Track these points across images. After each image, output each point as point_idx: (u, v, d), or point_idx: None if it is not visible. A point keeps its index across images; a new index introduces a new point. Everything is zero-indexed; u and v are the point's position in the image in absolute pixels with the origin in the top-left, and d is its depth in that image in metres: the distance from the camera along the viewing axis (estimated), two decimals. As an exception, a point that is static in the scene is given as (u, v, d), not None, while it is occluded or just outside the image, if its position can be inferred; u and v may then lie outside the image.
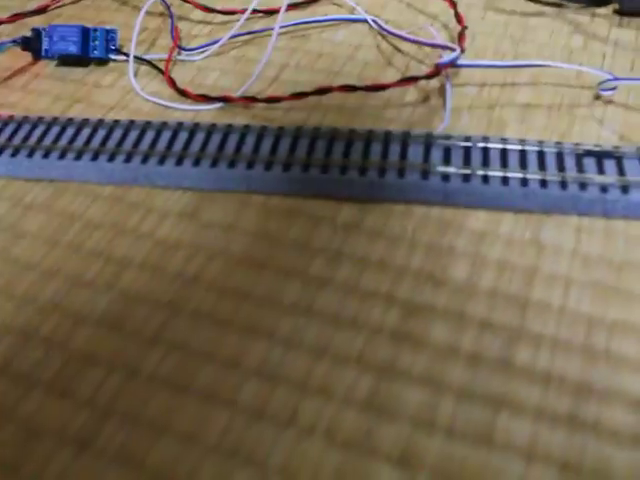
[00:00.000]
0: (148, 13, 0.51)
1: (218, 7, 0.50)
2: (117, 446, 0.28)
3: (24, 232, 0.37)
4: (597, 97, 0.41)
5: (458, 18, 0.45)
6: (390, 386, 0.29)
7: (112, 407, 0.29)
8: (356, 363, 0.30)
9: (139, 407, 0.29)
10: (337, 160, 0.37)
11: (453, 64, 0.39)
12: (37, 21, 0.53)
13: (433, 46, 0.42)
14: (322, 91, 0.40)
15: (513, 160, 0.36)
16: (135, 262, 0.34)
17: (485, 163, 0.36)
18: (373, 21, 0.47)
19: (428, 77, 0.39)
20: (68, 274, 0.34)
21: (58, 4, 0.54)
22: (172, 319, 0.32)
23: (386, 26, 0.46)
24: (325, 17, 0.48)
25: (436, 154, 0.37)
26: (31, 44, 0.47)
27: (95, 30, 0.46)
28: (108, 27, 0.47)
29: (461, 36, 0.42)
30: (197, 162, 0.37)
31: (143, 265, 0.34)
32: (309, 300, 0.32)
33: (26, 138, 0.40)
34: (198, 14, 0.50)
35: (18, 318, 0.33)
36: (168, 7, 0.50)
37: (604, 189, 0.35)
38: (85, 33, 0.46)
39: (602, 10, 0.48)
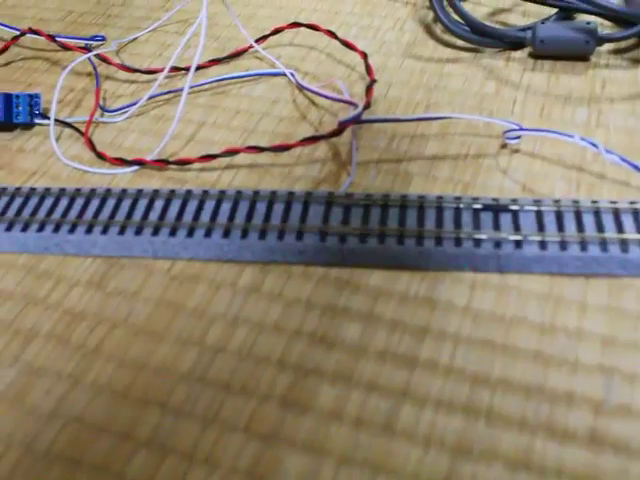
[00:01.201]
0: (76, 73, 0.52)
1: (137, 66, 0.51)
2: (6, 525, 0.28)
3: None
4: (503, 146, 0.42)
5: (368, 70, 0.46)
6: (275, 452, 0.30)
7: (5, 485, 0.30)
8: (244, 431, 0.30)
9: (30, 484, 0.30)
10: (239, 224, 0.38)
11: (356, 121, 0.40)
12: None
13: (340, 101, 0.43)
14: (231, 152, 0.41)
15: (411, 218, 0.37)
16: (42, 333, 0.35)
17: (383, 222, 0.37)
18: (291, 74, 0.48)
19: (330, 136, 0.40)
20: (-24, 348, 0.35)
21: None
22: (71, 391, 0.33)
23: (301, 80, 0.47)
24: (245, 72, 0.49)
25: (335, 214, 0.38)
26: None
27: (17, 96, 0.47)
28: (32, 92, 0.48)
29: (369, 90, 0.43)
30: (105, 230, 0.38)
31: (49, 336, 0.35)
32: (204, 368, 0.33)
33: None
34: (123, 73, 0.51)
35: None
36: (94, 67, 0.51)
37: (498, 244, 0.35)
38: (8, 100, 0.47)
39: (517, 53, 0.50)
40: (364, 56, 0.47)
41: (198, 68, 0.51)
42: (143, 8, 0.60)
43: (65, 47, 0.53)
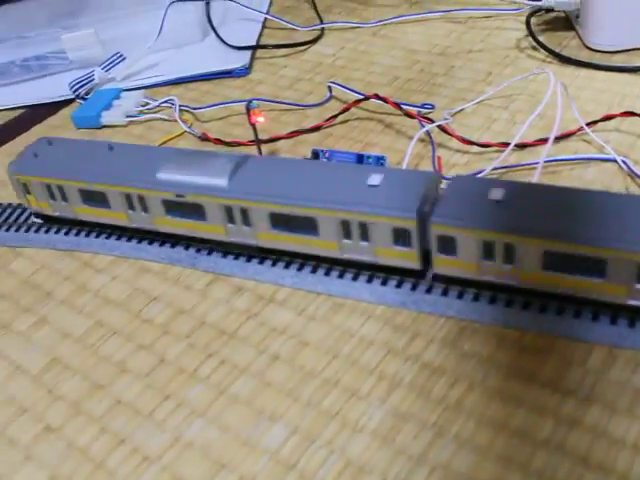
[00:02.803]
0: (408, 137, 0.57)
1: (475, 139, 0.55)
2: None
3: (307, 341, 0.43)
4: None
5: None
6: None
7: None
8: (605, 507, 0.33)
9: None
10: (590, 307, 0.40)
11: None
12: (312, 138, 0.61)
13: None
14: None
15: None
16: (404, 382, 0.40)
17: None
18: (622, 161, 0.51)
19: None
20: (346, 386, 0.40)
21: (330, 124, 0.61)
22: (436, 440, 0.37)
23: (635, 168, 0.50)
24: (576, 156, 0.52)
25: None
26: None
27: (369, 157, 0.53)
28: (379, 155, 0.53)
29: None
30: (461, 295, 0.43)
31: (411, 385, 0.40)
32: (561, 438, 0.36)
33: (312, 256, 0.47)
34: (456, 143, 0.56)
35: (303, 422, 0.39)
36: (430, 136, 0.56)
37: None
38: (359, 159, 0.53)
39: None
40: None
41: (525, 146, 0.54)
42: (466, 80, 0.64)
43: (408, 115, 0.58)
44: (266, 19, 0.83)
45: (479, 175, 0.51)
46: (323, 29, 0.79)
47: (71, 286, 0.52)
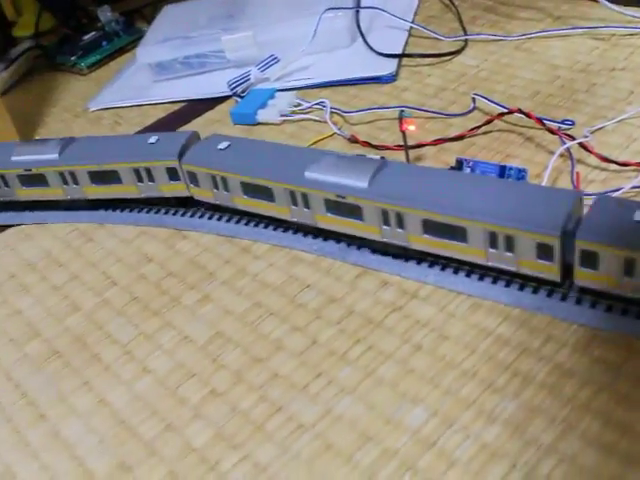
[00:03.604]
0: (548, 152, 0.61)
1: (614, 157, 0.58)
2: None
3: (447, 335, 0.48)
4: None
5: None
6: None
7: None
8: None
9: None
10: None
11: None
12: (455, 147, 0.65)
13: None
14: None
15: None
16: (537, 379, 0.44)
17: None
18: None
19: None
20: (482, 378, 0.44)
21: (473, 134, 0.65)
22: (564, 436, 0.40)
23: None
24: None
25: None
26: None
27: (510, 169, 0.57)
28: (520, 167, 0.57)
29: None
30: (593, 305, 0.46)
31: (543, 383, 0.43)
32: (683, 445, 0.39)
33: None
34: (593, 160, 0.58)
35: (442, 407, 0.43)
36: (570, 152, 0.59)
37: None
38: (501, 170, 0.57)
39: None
40: None
41: (664, 166, 0.56)
42: (607, 97, 0.67)
43: (549, 130, 0.61)
44: (411, 28, 0.87)
45: (617, 193, 0.54)
46: (467, 40, 0.82)
47: (232, 269, 0.58)
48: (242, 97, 0.81)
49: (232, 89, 0.82)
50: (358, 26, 0.87)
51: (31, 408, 0.51)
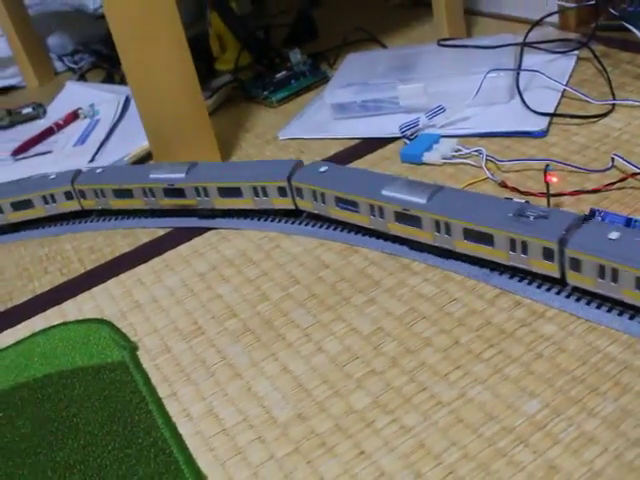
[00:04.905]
0: (674, 210, 0.71)
1: None
2: None
3: (565, 349, 0.59)
4: None
5: None
6: None
7: (605, 471, 0.49)
8: None
9: (622, 477, 0.49)
10: None
11: None
12: (591, 198, 0.76)
13: None
14: None
15: None
16: (634, 390, 0.54)
17: None
18: None
19: None
20: (589, 384, 0.56)
21: (608, 189, 0.76)
22: (651, 433, 0.51)
23: None
24: None
25: None
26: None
27: (636, 220, 0.67)
28: (647, 221, 0.67)
29: None
30: (689, 336, 0.56)
31: (638, 394, 0.54)
32: None
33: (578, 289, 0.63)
34: None
35: (553, 401, 0.55)
36: (690, 211, 0.69)
37: None
38: (628, 221, 0.67)
39: None
40: None
41: None
42: None
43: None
44: (565, 90, 0.98)
45: None
46: (614, 105, 0.93)
47: (393, 280, 0.72)
48: (410, 139, 0.95)
49: (402, 132, 0.96)
50: (517, 86, 0.99)
51: (229, 368, 0.67)
